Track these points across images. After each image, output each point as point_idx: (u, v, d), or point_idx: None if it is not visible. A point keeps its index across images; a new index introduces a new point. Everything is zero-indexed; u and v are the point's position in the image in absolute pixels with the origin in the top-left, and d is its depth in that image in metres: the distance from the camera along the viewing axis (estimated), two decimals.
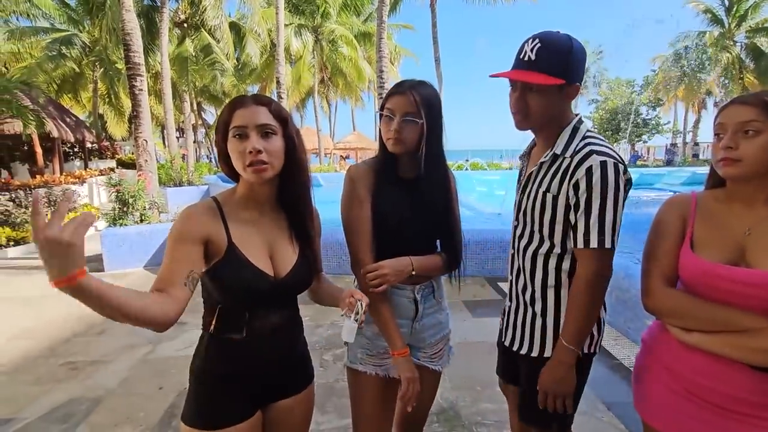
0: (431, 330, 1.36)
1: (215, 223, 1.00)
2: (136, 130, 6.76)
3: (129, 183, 5.73)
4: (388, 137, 1.22)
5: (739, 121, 0.95)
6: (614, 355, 2.85)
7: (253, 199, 1.07)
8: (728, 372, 0.96)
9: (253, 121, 0.98)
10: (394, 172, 1.29)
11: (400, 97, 1.20)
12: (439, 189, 1.30)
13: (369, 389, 1.32)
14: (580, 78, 1.15)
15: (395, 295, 1.30)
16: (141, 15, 13.27)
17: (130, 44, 6.75)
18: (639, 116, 28.44)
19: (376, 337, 1.30)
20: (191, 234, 0.96)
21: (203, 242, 0.97)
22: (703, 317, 0.98)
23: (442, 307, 1.40)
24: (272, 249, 1.08)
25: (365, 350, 1.31)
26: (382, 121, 1.24)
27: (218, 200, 1.06)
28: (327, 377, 2.66)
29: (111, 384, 2.68)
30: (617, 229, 1.11)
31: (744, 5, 21.80)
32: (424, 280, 1.33)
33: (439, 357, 1.40)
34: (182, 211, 1.02)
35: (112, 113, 16.78)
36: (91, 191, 10.87)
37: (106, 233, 5.31)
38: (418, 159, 1.24)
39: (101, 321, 3.75)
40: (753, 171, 0.95)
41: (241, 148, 0.97)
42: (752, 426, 0.95)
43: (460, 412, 2.29)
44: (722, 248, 0.99)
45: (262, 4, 17.18)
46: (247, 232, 1.04)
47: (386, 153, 1.26)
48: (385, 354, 1.29)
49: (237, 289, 1.01)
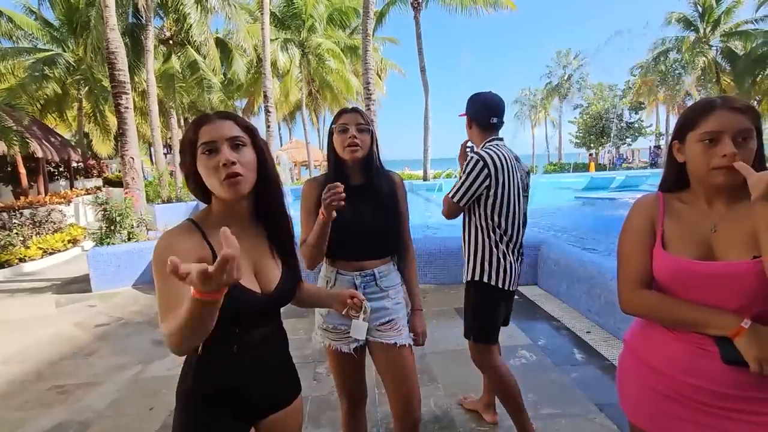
0: (375, 314, 1.51)
1: (201, 246, 0.97)
2: (122, 148, 6.71)
3: (116, 201, 5.67)
4: (346, 145, 1.47)
5: (738, 129, 0.96)
6: (605, 356, 2.88)
7: (231, 216, 1.03)
8: (708, 368, 0.99)
9: (222, 135, 0.96)
10: (346, 180, 1.44)
11: (351, 114, 1.51)
12: (388, 192, 1.57)
13: (334, 361, 1.59)
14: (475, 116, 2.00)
15: (338, 280, 1.54)
16: (126, 33, 13.27)
17: (114, 62, 6.74)
18: (622, 120, 29.03)
19: (327, 315, 1.56)
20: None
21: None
22: (679, 318, 1.01)
23: (389, 296, 1.56)
24: (256, 266, 1.07)
25: (320, 326, 1.58)
26: (337, 135, 1.50)
27: (196, 221, 1.02)
28: (321, 390, 2.64)
29: (100, 406, 2.63)
30: (463, 192, 1.87)
31: (717, 11, 22.58)
32: (368, 269, 1.53)
33: (392, 335, 1.52)
34: (161, 242, 0.95)
35: (97, 131, 16.60)
36: (77, 211, 10.71)
37: (93, 253, 5.23)
38: (367, 166, 1.52)
39: (89, 342, 3.69)
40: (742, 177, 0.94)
41: (214, 163, 0.94)
42: (734, 421, 0.98)
43: (455, 419, 2.29)
44: (692, 245, 1.03)
45: (247, 19, 17.29)
46: None
47: (337, 163, 1.53)
48: (333, 330, 1.54)
49: (226, 310, 0.97)
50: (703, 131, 0.99)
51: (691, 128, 1.03)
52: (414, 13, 17.69)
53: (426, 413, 2.33)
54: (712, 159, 0.98)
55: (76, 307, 4.69)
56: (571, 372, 2.71)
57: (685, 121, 1.05)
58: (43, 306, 4.77)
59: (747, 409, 0.96)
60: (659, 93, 26.49)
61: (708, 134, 0.98)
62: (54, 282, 5.85)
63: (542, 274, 4.44)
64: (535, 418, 2.24)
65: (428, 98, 17.41)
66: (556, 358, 2.91)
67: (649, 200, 1.13)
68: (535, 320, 3.63)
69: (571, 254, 4.03)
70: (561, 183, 16.90)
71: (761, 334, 0.91)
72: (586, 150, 31.05)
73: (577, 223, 8.61)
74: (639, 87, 27.94)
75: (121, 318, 4.25)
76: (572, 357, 2.92)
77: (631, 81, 30.05)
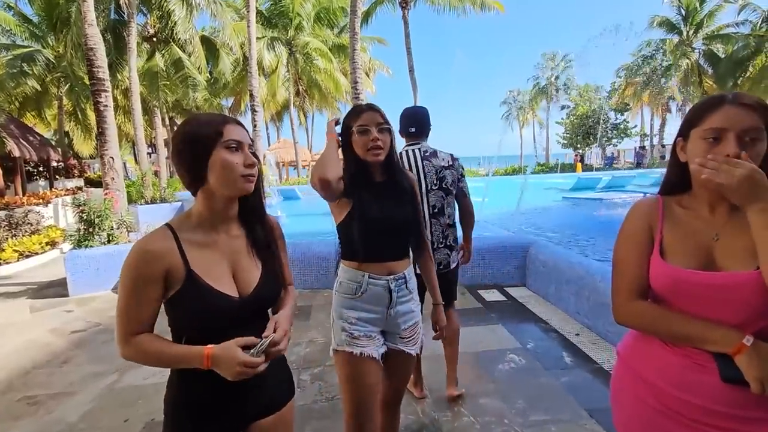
0: (404, 317, 1.52)
1: (172, 254, 0.98)
2: (102, 148, 6.52)
3: (95, 202, 5.48)
4: (369, 148, 1.42)
5: (745, 127, 0.88)
6: (594, 360, 2.85)
7: (214, 217, 1.05)
8: (702, 384, 0.93)
9: (245, 139, 1.04)
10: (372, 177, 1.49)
11: (370, 113, 1.43)
12: (409, 188, 1.54)
13: (355, 368, 1.46)
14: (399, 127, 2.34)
15: (371, 285, 1.45)
16: (108, 30, 12.97)
17: (93, 59, 6.54)
18: (608, 121, 29.45)
19: (355, 323, 1.47)
20: (151, 275, 0.96)
21: (164, 277, 0.97)
22: (676, 331, 0.96)
23: (413, 298, 1.56)
24: (234, 268, 1.07)
25: (348, 334, 1.46)
26: (357, 137, 1.43)
27: (172, 226, 1.02)
28: (305, 398, 2.56)
29: (72, 418, 2.50)
30: None
31: (700, 14, 23.07)
32: (398, 271, 1.49)
33: (413, 342, 1.57)
34: (135, 248, 0.97)
35: (78, 130, 16.21)
36: (56, 212, 10.40)
37: (70, 256, 5.05)
38: (390, 164, 1.48)
39: (64, 349, 3.54)
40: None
41: (239, 160, 1.00)
42: None
43: (442, 427, 2.23)
44: (692, 254, 0.97)
45: (233, 17, 17.07)
46: (206, 255, 1.03)
47: (358, 163, 1.46)
48: (363, 337, 1.46)
49: (201, 316, 1.00)
50: (707, 127, 0.92)
51: (696, 124, 0.95)
52: (402, 12, 17.66)
53: (412, 422, 2.27)
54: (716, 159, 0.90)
55: (51, 313, 4.51)
56: (560, 376, 2.67)
57: (690, 117, 0.98)
58: (17, 311, 4.58)
59: (740, 429, 0.91)
60: (644, 95, 26.95)
61: (711, 131, 0.91)
62: (30, 286, 5.64)
63: (530, 275, 4.41)
64: (525, 426, 2.20)
65: (416, 98, 17.40)
66: (546, 361, 2.87)
67: (647, 204, 1.06)
68: (524, 322, 3.59)
69: (559, 255, 4.01)
70: (549, 183, 17.04)
71: (764, 352, 0.86)
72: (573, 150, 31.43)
73: (565, 224, 8.65)
74: (624, 89, 28.40)
75: (99, 323, 4.10)
76: (561, 361, 2.89)
77: (617, 82, 30.50)
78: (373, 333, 1.48)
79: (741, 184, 0.83)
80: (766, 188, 0.83)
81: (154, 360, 0.98)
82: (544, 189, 15.17)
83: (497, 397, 2.47)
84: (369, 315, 1.47)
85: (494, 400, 2.44)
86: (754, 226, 0.84)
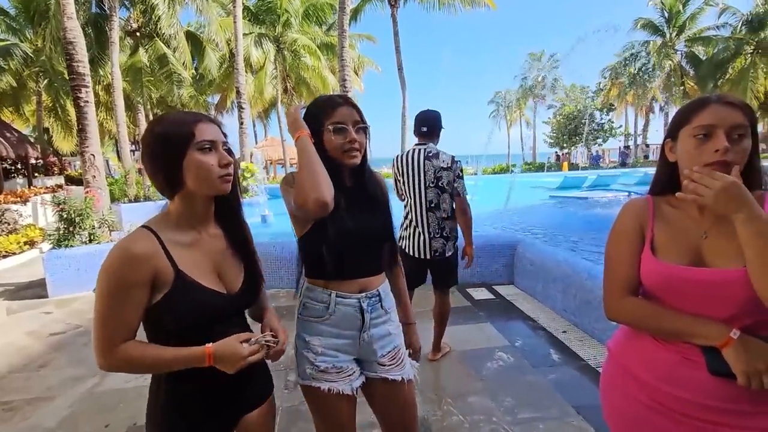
0: (380, 342, 1.30)
1: (158, 256, 0.95)
2: (83, 144, 6.35)
3: (75, 200, 5.33)
4: (345, 150, 1.22)
5: (733, 124, 0.92)
6: (581, 357, 2.88)
7: (193, 218, 1.04)
8: (692, 379, 0.95)
9: (219, 137, 1.00)
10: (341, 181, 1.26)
11: (346, 108, 1.23)
12: (380, 193, 1.36)
13: (324, 406, 1.28)
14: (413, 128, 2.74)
15: (340, 305, 1.25)
16: (88, 23, 12.65)
17: (73, 54, 6.36)
18: (593, 121, 29.91)
19: (322, 353, 1.26)
20: (139, 279, 0.92)
21: (151, 281, 0.94)
22: (666, 326, 0.97)
23: (391, 318, 1.35)
24: (219, 267, 1.06)
25: (313, 367, 1.25)
26: (332, 136, 1.21)
27: (152, 228, 0.99)
28: (292, 400, 2.51)
29: (50, 424, 2.42)
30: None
31: (682, 17, 23.57)
32: (371, 288, 1.29)
33: (398, 367, 1.33)
34: (118, 251, 0.92)
35: (58, 127, 15.81)
36: (35, 211, 10.11)
37: (49, 256, 4.90)
38: (362, 168, 1.30)
39: (42, 352, 3.43)
40: (736, 176, 0.90)
41: (214, 161, 0.97)
42: None
43: (431, 426, 2.22)
44: (681, 251, 0.98)
45: (220, 13, 16.81)
46: (191, 255, 1.01)
47: (329, 164, 1.20)
48: (332, 370, 1.25)
49: (194, 314, 0.98)
50: (697, 125, 0.95)
51: (685, 123, 0.98)
52: (391, 11, 17.62)
53: None
54: (704, 154, 0.93)
55: (29, 314, 4.37)
56: (548, 373, 2.69)
57: (678, 118, 1.01)
58: None
59: (731, 423, 0.92)
60: (628, 95, 27.45)
61: (702, 128, 0.94)
62: (6, 287, 5.46)
63: (518, 273, 4.44)
64: (513, 423, 2.20)
65: (405, 96, 17.39)
66: (533, 359, 2.89)
67: (638, 204, 1.08)
68: (512, 320, 3.61)
69: (546, 253, 4.04)
70: (536, 182, 17.23)
71: (750, 345, 0.87)
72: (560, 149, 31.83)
73: (552, 222, 8.74)
74: (609, 89, 28.87)
75: (79, 326, 3.99)
76: (549, 358, 2.91)
77: (602, 83, 30.98)
78: (344, 363, 1.26)
79: (718, 197, 0.85)
80: (743, 199, 0.84)
81: (146, 366, 0.95)
82: (532, 188, 15.33)
83: (486, 395, 2.47)
84: (338, 341, 1.26)
85: (483, 399, 2.44)
86: (740, 235, 0.86)
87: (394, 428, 1.36)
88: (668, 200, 1.06)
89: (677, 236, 1.00)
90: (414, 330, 1.47)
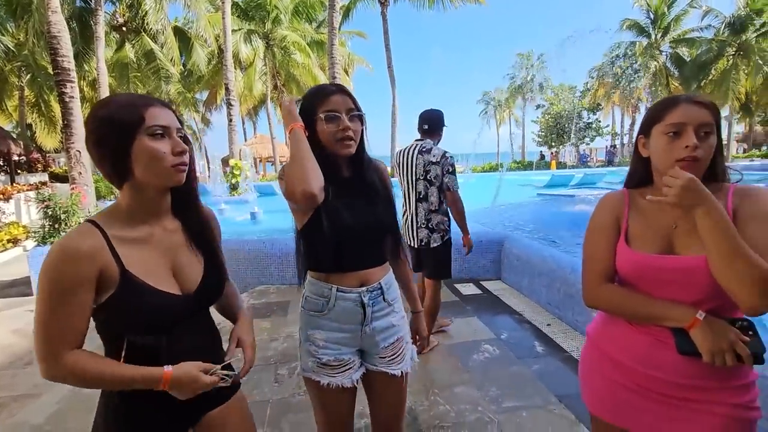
0: (383, 334, 1.31)
1: (102, 254, 0.87)
2: (68, 141, 6.25)
3: (61, 197, 5.26)
4: (339, 138, 1.20)
5: (701, 122, 0.97)
6: (564, 348, 2.96)
7: (145, 211, 0.95)
8: (665, 359, 1.01)
9: (172, 123, 0.92)
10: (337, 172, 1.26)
11: (339, 96, 1.21)
12: (379, 183, 1.32)
13: (324, 398, 1.30)
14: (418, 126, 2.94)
15: (340, 299, 1.25)
16: (73, 17, 12.41)
17: (57, 48, 6.25)
18: (581, 120, 30.31)
19: (324, 346, 1.27)
20: (83, 278, 0.84)
21: (96, 280, 0.86)
22: (639, 311, 1.03)
23: (394, 309, 1.35)
24: (174, 264, 0.99)
25: (315, 359, 1.27)
26: (324, 124, 1.20)
27: (98, 223, 0.90)
28: (282, 393, 2.54)
29: (37, 420, 2.41)
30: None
31: (666, 18, 23.98)
32: (373, 282, 1.28)
33: (397, 361, 1.34)
34: (59, 249, 0.84)
35: (42, 123, 15.46)
36: (18, 208, 9.92)
37: (34, 253, 4.84)
38: (359, 157, 1.27)
39: (28, 350, 3.39)
40: (702, 170, 0.99)
41: (166, 148, 0.89)
42: (683, 409, 1.00)
43: (418, 416, 2.27)
44: (653, 241, 1.05)
45: (208, 8, 16.62)
46: (141, 252, 0.93)
47: (323, 155, 1.20)
48: (334, 363, 1.27)
49: (142, 319, 0.91)
50: (668, 123, 1.00)
51: (657, 121, 1.04)
52: (381, 9, 17.62)
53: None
54: (675, 151, 0.99)
55: (14, 313, 4.31)
56: (532, 364, 2.76)
57: (651, 115, 1.07)
58: None
59: (699, 398, 0.99)
60: (614, 95, 27.88)
61: (672, 126, 1.00)
62: None
63: (505, 268, 4.52)
64: (498, 412, 2.26)
65: (395, 94, 17.42)
66: (518, 351, 2.96)
67: (614, 197, 1.15)
68: (498, 314, 3.68)
69: (532, 249, 4.12)
70: (524, 180, 17.41)
71: (715, 326, 0.93)
72: (548, 148, 32.18)
73: (540, 219, 8.87)
74: (597, 89, 29.27)
75: None
76: (533, 350, 2.98)
77: (590, 83, 31.38)
78: (346, 355, 1.28)
79: (680, 194, 0.91)
80: (702, 194, 0.90)
81: (95, 381, 0.86)
82: (520, 185, 15.49)
83: (472, 385, 2.54)
84: (340, 335, 1.27)
85: (469, 389, 2.50)
86: (699, 227, 0.92)
87: (384, 414, 1.39)
88: (643, 193, 1.12)
89: (650, 227, 1.07)
90: (421, 318, 1.48)
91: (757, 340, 0.93)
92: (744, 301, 0.88)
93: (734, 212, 0.97)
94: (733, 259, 0.87)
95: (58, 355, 0.84)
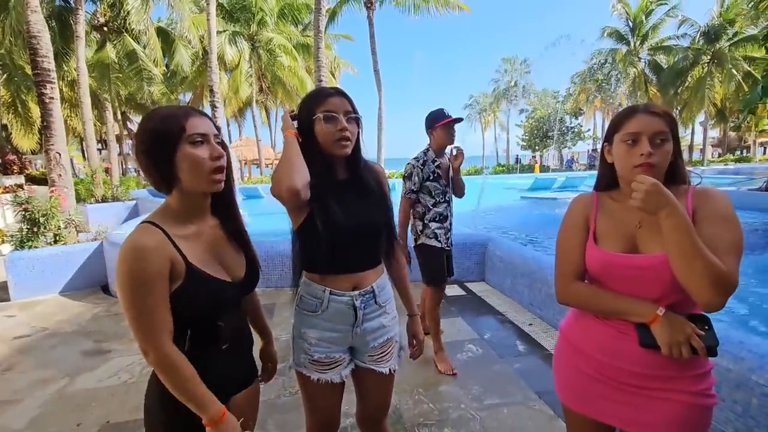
0: (374, 334, 1.36)
1: (168, 249, 0.97)
2: (47, 142, 6.12)
3: (40, 200, 5.15)
4: (336, 139, 1.23)
5: (655, 131, 1.05)
6: (545, 347, 3.05)
7: (192, 211, 1.06)
8: (628, 350, 1.08)
9: (211, 130, 1.02)
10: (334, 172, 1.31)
11: (338, 98, 1.25)
12: (376, 185, 1.36)
13: (313, 391, 1.36)
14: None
15: (333, 301, 1.29)
16: (52, 16, 12.15)
17: (37, 48, 6.13)
18: (563, 124, 30.91)
19: (316, 344, 1.33)
20: (160, 270, 0.93)
21: (169, 273, 0.96)
22: (606, 307, 1.11)
23: (386, 311, 1.39)
24: (221, 257, 1.10)
25: (307, 356, 1.33)
26: (322, 125, 1.22)
27: (157, 223, 1.00)
28: (268, 393, 2.56)
29: (18, 425, 2.38)
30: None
31: (645, 26, 24.71)
32: (366, 285, 1.32)
33: (386, 359, 1.40)
34: (130, 248, 0.92)
35: (18, 123, 15.05)
36: None
37: (11, 257, 4.72)
38: (355, 158, 1.31)
39: (7, 356, 3.32)
40: (661, 175, 1.07)
41: (206, 155, 0.99)
42: (643, 397, 1.08)
43: (403, 415, 2.32)
44: (619, 240, 1.12)
45: (192, 9, 16.44)
46: (196, 247, 1.05)
47: (321, 156, 1.25)
48: (325, 360, 1.33)
49: (208, 304, 1.03)
50: (625, 132, 1.09)
51: (617, 130, 1.12)
52: (367, 13, 17.69)
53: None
54: (632, 158, 1.07)
55: None
56: (513, 363, 2.84)
57: (612, 125, 1.15)
58: None
59: (660, 387, 1.07)
60: (595, 100, 28.58)
61: (629, 135, 1.08)
62: None
63: (489, 270, 4.61)
64: (480, 409, 2.33)
65: (382, 97, 17.50)
66: (500, 350, 3.04)
67: (584, 199, 1.23)
68: (482, 315, 3.76)
69: (514, 251, 4.22)
70: (508, 183, 17.67)
71: (673, 321, 1.01)
72: (532, 152, 32.70)
73: (523, 222, 9.04)
74: (578, 94, 29.94)
75: (45, 328, 3.88)
76: (515, 348, 3.07)
77: (572, 88, 32.07)
78: (337, 353, 1.33)
79: (645, 198, 0.98)
80: (664, 197, 0.97)
81: (179, 378, 0.95)
82: (504, 189, 15.73)
83: (455, 384, 2.60)
84: (331, 334, 1.32)
85: (452, 387, 2.56)
86: (663, 228, 0.99)
87: (371, 407, 1.47)
88: (610, 195, 1.20)
89: (616, 226, 1.14)
90: (417, 321, 1.50)
91: (711, 334, 1.00)
92: (701, 297, 0.95)
93: (693, 213, 1.05)
94: (692, 259, 0.94)
95: (163, 344, 0.94)
